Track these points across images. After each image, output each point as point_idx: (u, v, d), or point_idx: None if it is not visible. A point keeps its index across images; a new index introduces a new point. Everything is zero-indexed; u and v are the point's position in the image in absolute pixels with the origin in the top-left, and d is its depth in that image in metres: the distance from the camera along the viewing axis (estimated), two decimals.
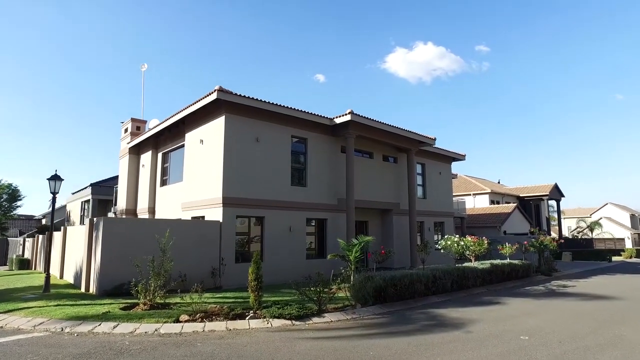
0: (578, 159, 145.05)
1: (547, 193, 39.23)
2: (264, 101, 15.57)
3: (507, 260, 15.39)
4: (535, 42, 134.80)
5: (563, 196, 42.20)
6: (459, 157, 25.18)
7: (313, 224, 17.75)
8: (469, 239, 13.11)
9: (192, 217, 16.48)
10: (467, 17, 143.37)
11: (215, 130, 15.60)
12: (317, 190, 17.54)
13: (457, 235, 13.00)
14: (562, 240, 24.89)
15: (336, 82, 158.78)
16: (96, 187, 31.15)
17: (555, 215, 50.47)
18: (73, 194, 37.40)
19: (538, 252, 17.46)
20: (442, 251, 13.03)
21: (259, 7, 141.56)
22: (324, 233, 17.85)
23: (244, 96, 15.07)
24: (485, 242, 13.66)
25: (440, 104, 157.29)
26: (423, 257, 11.34)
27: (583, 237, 48.09)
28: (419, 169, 23.26)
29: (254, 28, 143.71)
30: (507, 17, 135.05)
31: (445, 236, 13.25)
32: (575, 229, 56.90)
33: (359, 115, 17.40)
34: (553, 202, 43.17)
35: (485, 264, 14.03)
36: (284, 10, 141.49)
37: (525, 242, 17.16)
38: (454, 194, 28.66)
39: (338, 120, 17.50)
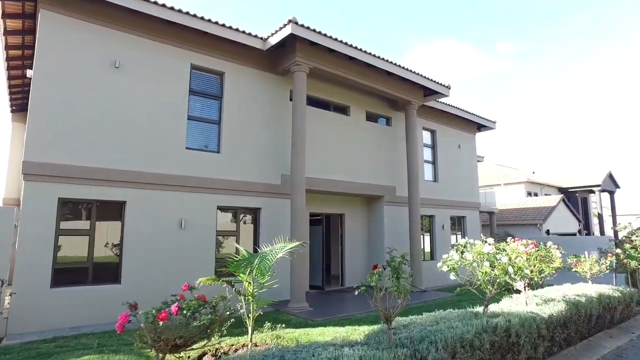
0: (613, 154, 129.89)
1: (600, 183, 29.78)
2: None
3: (594, 291, 7.18)
4: (562, 36, 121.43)
5: (618, 187, 32.49)
6: (488, 125, 16.77)
7: (233, 215, 10.10)
8: (519, 245, 5.23)
9: None
10: (488, 13, 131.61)
11: (36, 47, 8.27)
12: (241, 159, 9.89)
13: (490, 240, 5.14)
14: None
15: None
16: None
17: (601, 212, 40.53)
18: None
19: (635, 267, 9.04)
20: (451, 277, 5.14)
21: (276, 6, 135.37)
22: (257, 232, 10.19)
23: None
24: (557, 252, 5.68)
25: (463, 102, 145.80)
26: (388, 313, 3.57)
27: None
28: (426, 137, 15.09)
29: None
30: (531, 11, 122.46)
31: (463, 240, 5.41)
32: (624, 227, 46.33)
33: (307, 28, 9.57)
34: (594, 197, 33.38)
35: (554, 304, 5.96)
36: (303, 11, 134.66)
37: (618, 249, 8.79)
38: (480, 185, 20.15)
39: (274, 40, 9.76)
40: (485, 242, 5.21)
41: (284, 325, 7.03)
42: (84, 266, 7.77)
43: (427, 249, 14.53)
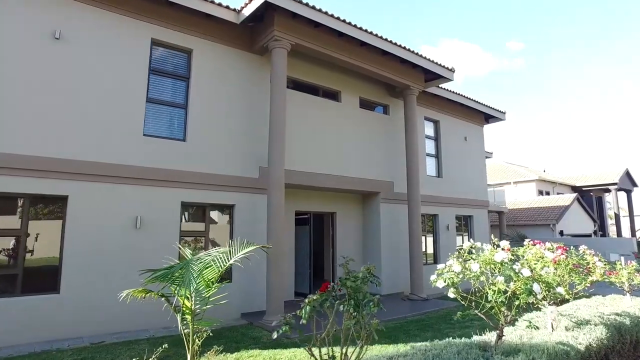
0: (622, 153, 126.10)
1: (616, 181, 27.85)
2: None
3: (638, 308, 5.66)
4: (574, 32, 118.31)
5: (636, 186, 30.49)
6: (497, 115, 15.18)
7: (202, 213, 8.67)
8: (544, 251, 3.91)
9: None
10: (497, 12, 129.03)
11: None
12: (212, 149, 8.48)
13: (503, 244, 3.78)
14: None
15: None
16: None
17: (613, 213, 38.36)
18: None
19: None
20: (450, 294, 3.74)
21: None
22: (231, 233, 8.79)
23: None
24: (596, 260, 4.27)
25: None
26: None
27: None
28: (428, 128, 13.57)
29: None
30: (541, 9, 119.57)
31: (468, 243, 4.05)
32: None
33: None
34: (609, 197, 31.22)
35: (591, 328, 4.48)
36: None
37: None
38: (488, 183, 18.39)
39: (248, 11, 8.36)
40: (497, 246, 3.74)
41: (221, 352, 5.63)
42: (12, 273, 6.45)
43: (430, 251, 13.04)
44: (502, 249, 3.63)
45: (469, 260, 3.73)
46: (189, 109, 8.34)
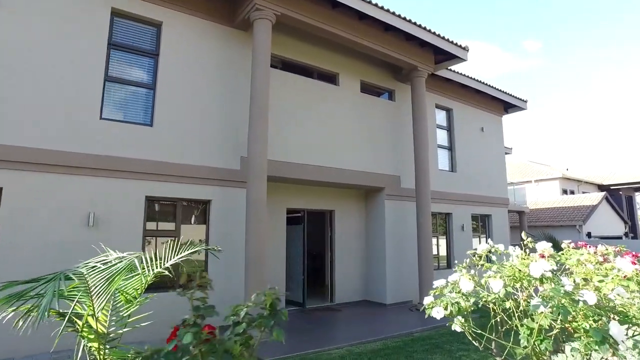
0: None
1: None
2: None
3: None
4: (592, 34, 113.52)
5: None
6: (517, 104, 13.54)
7: (171, 210, 7.44)
8: (617, 259, 2.63)
9: None
10: (515, 12, 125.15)
11: None
12: (184, 136, 7.26)
13: (542, 246, 2.47)
14: None
15: None
16: None
17: None
18: None
19: None
20: (455, 327, 2.40)
21: None
22: (207, 232, 7.55)
23: None
24: None
25: None
26: None
27: None
28: (440, 117, 12.08)
29: None
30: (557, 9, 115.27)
31: (485, 246, 2.76)
32: None
33: None
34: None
35: None
36: None
37: None
38: (507, 182, 16.50)
39: None
40: (531, 250, 2.37)
41: None
42: None
43: (443, 254, 11.54)
44: (540, 255, 2.25)
45: (487, 271, 2.36)
46: (157, 89, 7.16)
